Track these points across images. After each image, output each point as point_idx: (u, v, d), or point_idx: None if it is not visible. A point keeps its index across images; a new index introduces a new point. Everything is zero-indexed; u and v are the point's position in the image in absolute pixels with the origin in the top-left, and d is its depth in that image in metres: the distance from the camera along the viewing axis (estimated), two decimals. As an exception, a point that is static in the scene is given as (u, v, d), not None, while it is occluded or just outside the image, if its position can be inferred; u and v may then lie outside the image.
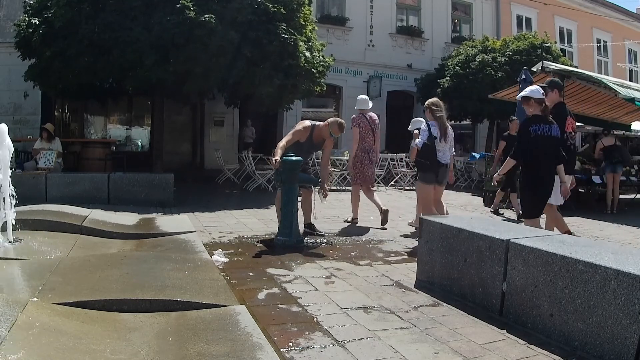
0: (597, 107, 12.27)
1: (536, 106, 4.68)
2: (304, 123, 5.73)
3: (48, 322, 2.32)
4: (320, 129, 5.62)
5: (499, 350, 2.71)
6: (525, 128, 4.71)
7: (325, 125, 5.59)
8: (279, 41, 9.47)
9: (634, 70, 23.54)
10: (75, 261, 3.64)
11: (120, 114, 15.40)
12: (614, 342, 2.50)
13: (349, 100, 16.46)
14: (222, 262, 4.33)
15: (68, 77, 9.47)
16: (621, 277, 2.49)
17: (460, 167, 14.81)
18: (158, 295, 2.83)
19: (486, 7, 19.09)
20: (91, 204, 6.76)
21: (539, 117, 4.66)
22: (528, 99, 4.73)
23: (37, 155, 9.01)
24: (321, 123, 5.71)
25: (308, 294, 3.57)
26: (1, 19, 13.02)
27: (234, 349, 2.24)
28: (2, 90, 12.86)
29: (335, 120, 5.62)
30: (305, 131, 5.58)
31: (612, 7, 22.27)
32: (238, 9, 9.17)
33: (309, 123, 5.72)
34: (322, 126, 5.62)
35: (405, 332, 2.93)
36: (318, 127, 5.64)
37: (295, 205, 5.24)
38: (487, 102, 13.48)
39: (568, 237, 3.55)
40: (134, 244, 4.54)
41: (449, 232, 3.67)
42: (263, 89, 9.71)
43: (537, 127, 4.63)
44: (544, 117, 4.66)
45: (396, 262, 4.72)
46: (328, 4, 16.65)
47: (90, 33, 8.83)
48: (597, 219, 8.26)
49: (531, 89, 4.84)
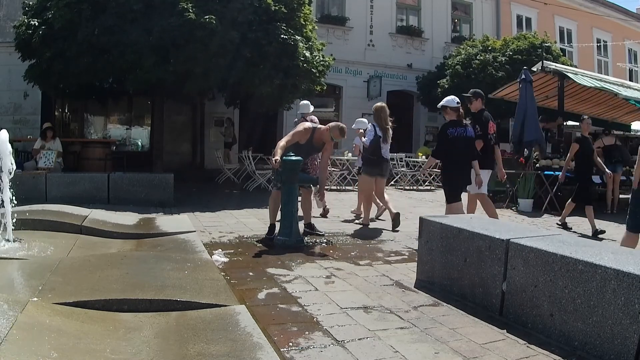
0: (597, 107, 12.29)
1: (452, 113, 5.55)
2: (305, 124, 5.71)
3: (48, 322, 2.32)
4: (321, 132, 5.62)
5: (499, 350, 2.71)
6: (444, 131, 5.56)
7: (327, 130, 5.58)
8: (278, 42, 9.47)
9: (634, 70, 23.53)
10: (75, 261, 3.64)
11: (120, 114, 15.39)
12: (614, 341, 2.50)
13: (349, 100, 16.49)
14: (222, 262, 4.33)
15: (68, 78, 9.47)
16: (621, 277, 2.49)
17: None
18: (158, 295, 2.82)
19: (486, 6, 19.08)
20: (91, 203, 6.77)
21: (455, 121, 5.51)
22: (445, 108, 5.61)
23: (37, 155, 9.02)
24: (322, 126, 5.71)
25: (308, 293, 3.57)
26: (1, 19, 13.02)
27: (234, 348, 2.24)
28: (2, 90, 12.85)
29: (336, 125, 5.62)
30: (305, 133, 5.57)
31: (612, 7, 22.26)
32: (239, 9, 9.17)
33: (310, 125, 5.71)
34: (323, 129, 5.61)
35: (405, 332, 2.93)
36: (319, 130, 5.64)
37: (295, 205, 5.24)
38: (486, 101, 13.47)
39: (568, 237, 3.55)
40: (134, 244, 4.54)
41: (449, 231, 3.67)
42: (263, 89, 9.71)
43: (454, 130, 5.45)
44: (459, 121, 5.53)
45: (396, 261, 4.72)
46: (328, 4, 16.64)
47: (90, 35, 8.83)
48: (597, 219, 8.23)
49: (447, 100, 5.67)
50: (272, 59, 9.50)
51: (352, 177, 11.90)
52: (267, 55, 9.42)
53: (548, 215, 8.54)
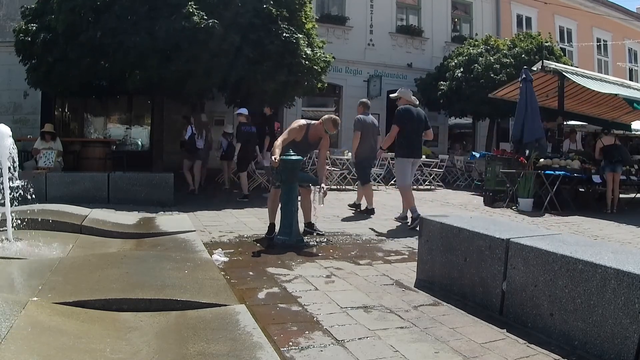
0: (597, 108, 12.29)
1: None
2: (299, 122, 5.71)
3: (48, 322, 2.32)
4: (316, 127, 5.62)
5: (499, 350, 2.71)
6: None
7: (320, 123, 5.58)
8: (280, 40, 9.49)
9: (634, 70, 23.53)
10: (75, 260, 3.64)
11: (120, 114, 15.40)
12: (614, 341, 2.50)
13: (349, 99, 16.47)
14: (222, 262, 4.33)
15: (69, 80, 9.47)
16: (621, 276, 2.49)
17: (461, 167, 14.84)
18: (158, 295, 2.82)
19: (486, 6, 19.08)
20: (91, 203, 6.77)
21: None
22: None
23: (37, 155, 9.02)
24: (316, 122, 5.70)
25: (308, 293, 3.57)
26: (1, 19, 13.02)
27: (234, 348, 2.24)
28: (2, 90, 12.86)
29: (329, 117, 5.60)
30: (300, 130, 5.57)
31: (612, 6, 22.26)
32: (242, 13, 9.19)
33: (304, 122, 5.71)
34: (317, 124, 5.61)
35: (405, 331, 2.93)
36: (313, 126, 5.63)
37: (295, 204, 5.24)
38: (486, 101, 13.48)
39: (568, 236, 3.55)
40: (133, 244, 4.54)
41: (449, 231, 3.67)
42: (266, 86, 9.74)
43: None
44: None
45: (396, 261, 4.72)
46: (328, 4, 16.65)
47: (92, 38, 8.82)
48: (597, 218, 8.26)
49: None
50: (275, 57, 9.53)
51: (352, 176, 11.91)
52: (269, 53, 9.45)
53: (548, 214, 8.54)
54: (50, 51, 9.16)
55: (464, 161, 14.75)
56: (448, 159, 14.13)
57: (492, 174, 10.21)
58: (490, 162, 10.44)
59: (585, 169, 9.57)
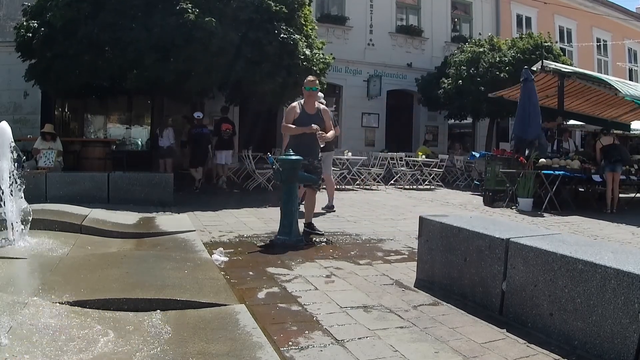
0: (597, 107, 12.30)
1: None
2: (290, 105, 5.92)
3: (48, 322, 2.32)
4: (305, 96, 5.74)
5: (498, 350, 2.71)
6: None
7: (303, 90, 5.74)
8: (278, 41, 9.48)
9: (634, 70, 23.53)
10: (75, 260, 3.65)
11: (120, 113, 15.38)
12: (613, 341, 2.50)
13: (349, 99, 16.48)
14: (222, 261, 4.32)
15: (68, 77, 9.46)
16: (621, 276, 2.49)
17: (460, 167, 14.84)
18: (158, 295, 2.83)
19: (486, 6, 19.07)
20: (91, 203, 6.77)
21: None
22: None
23: (37, 155, 9.02)
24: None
25: (308, 293, 3.57)
26: (1, 19, 13.01)
27: (234, 348, 2.24)
28: (2, 90, 12.84)
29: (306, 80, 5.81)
30: (294, 108, 5.69)
31: (611, 6, 22.24)
32: (241, 7, 9.17)
33: (294, 103, 5.87)
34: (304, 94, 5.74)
35: (405, 331, 2.93)
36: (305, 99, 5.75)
37: (295, 204, 5.24)
38: (486, 101, 13.48)
39: (568, 236, 3.56)
40: (133, 243, 4.54)
41: (448, 231, 3.67)
42: (266, 86, 9.74)
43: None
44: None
45: (396, 261, 4.72)
46: (328, 3, 16.63)
47: (90, 33, 8.81)
48: (596, 218, 8.26)
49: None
50: (273, 58, 9.52)
51: (352, 176, 11.92)
52: (268, 54, 9.44)
53: (548, 214, 8.55)
54: (49, 47, 9.14)
55: (464, 161, 14.76)
56: (448, 159, 14.13)
57: (491, 174, 10.22)
58: (490, 162, 10.45)
59: (585, 169, 9.58)
